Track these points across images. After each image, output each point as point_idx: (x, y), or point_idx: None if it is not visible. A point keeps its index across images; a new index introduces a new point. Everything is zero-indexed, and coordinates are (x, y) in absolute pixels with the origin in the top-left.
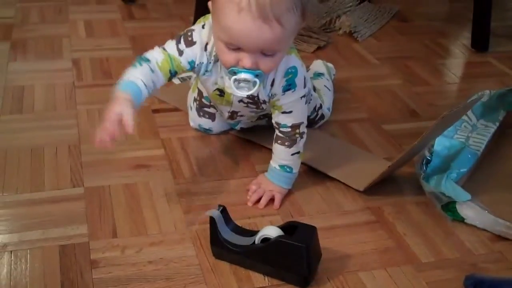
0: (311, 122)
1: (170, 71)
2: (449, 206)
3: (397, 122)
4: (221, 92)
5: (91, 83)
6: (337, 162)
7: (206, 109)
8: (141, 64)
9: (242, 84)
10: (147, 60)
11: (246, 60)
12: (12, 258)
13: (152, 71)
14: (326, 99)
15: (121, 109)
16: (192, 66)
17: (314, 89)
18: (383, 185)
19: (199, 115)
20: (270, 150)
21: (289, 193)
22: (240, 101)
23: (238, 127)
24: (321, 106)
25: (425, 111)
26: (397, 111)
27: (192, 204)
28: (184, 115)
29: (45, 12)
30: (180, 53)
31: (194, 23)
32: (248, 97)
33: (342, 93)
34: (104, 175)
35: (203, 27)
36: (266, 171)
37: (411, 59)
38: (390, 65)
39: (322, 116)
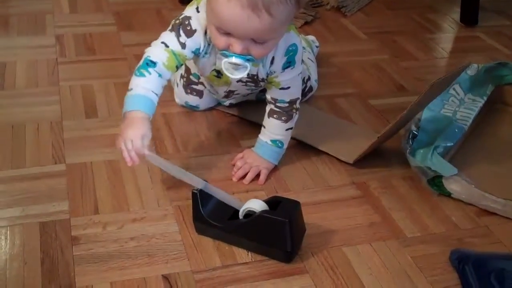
0: (302, 95)
1: (176, 66)
2: (435, 181)
3: (384, 97)
4: (219, 73)
5: (74, 59)
6: (325, 136)
7: (194, 86)
8: (149, 72)
9: (232, 67)
10: (153, 64)
11: (236, 46)
12: None
13: (160, 75)
14: (312, 71)
15: (144, 133)
16: (197, 54)
17: (302, 60)
18: (369, 160)
19: (186, 92)
20: (254, 125)
21: (274, 169)
22: (239, 81)
23: (227, 103)
24: (309, 78)
25: (413, 86)
26: (384, 86)
27: (175, 180)
28: (168, 90)
29: None
30: (183, 46)
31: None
32: (248, 76)
33: (329, 67)
34: (86, 152)
35: (197, 10)
36: (251, 146)
37: (399, 34)
38: (378, 40)
39: (311, 88)
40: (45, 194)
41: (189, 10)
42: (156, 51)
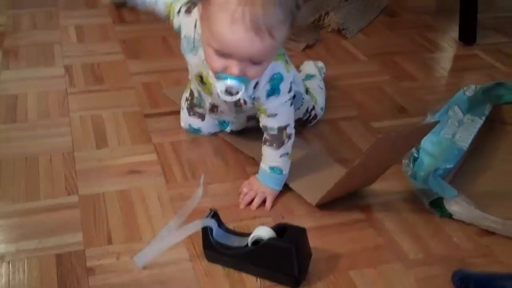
0: (304, 122)
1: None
2: (437, 203)
3: (385, 119)
4: (201, 79)
5: (83, 89)
6: (299, 172)
7: (196, 108)
8: None
9: (228, 91)
10: None
11: (235, 68)
12: (10, 268)
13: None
14: (320, 99)
15: None
16: (177, 31)
17: (307, 91)
18: (372, 184)
19: (189, 114)
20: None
21: (280, 193)
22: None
23: (228, 129)
24: (313, 107)
25: (413, 107)
26: (386, 107)
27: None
28: (175, 119)
29: (36, 19)
30: (178, 12)
31: None
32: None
33: (331, 90)
34: (98, 182)
35: (195, 27)
36: (257, 172)
37: (399, 55)
38: (378, 61)
39: (315, 116)
40: (60, 225)
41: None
42: None
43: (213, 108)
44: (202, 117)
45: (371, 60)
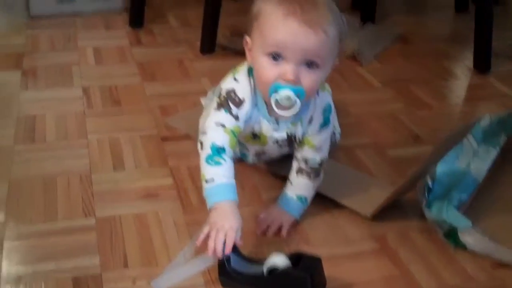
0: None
1: (236, 142)
2: (451, 233)
3: (401, 147)
4: (255, 136)
5: (100, 111)
6: (344, 188)
7: None
8: (224, 159)
9: (282, 103)
10: (223, 150)
11: (289, 71)
12: None
13: (231, 158)
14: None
15: (238, 225)
16: (246, 121)
17: None
18: (387, 213)
19: None
20: (276, 178)
21: (296, 222)
22: (275, 142)
23: (251, 161)
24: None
25: (428, 136)
26: (401, 136)
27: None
28: (192, 142)
29: (55, 40)
30: (237, 118)
31: (201, 49)
32: (286, 136)
33: (346, 117)
34: (115, 205)
35: (236, 80)
36: (273, 198)
37: (414, 82)
38: (393, 89)
39: (334, 143)
40: (77, 248)
41: (228, 83)
42: (218, 135)
43: (260, 155)
44: None
45: (386, 87)
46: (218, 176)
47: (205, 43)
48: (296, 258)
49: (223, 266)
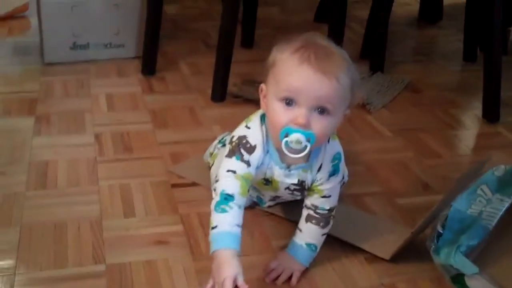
0: None
1: (248, 189)
2: (458, 279)
3: (410, 196)
4: (267, 181)
5: (112, 158)
6: (359, 231)
7: None
8: (231, 207)
9: (292, 146)
10: (231, 197)
11: (301, 115)
12: None
13: (240, 206)
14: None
15: (235, 273)
16: (258, 167)
17: None
18: (397, 261)
19: None
20: (286, 226)
21: (305, 270)
22: (287, 188)
23: (266, 206)
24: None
25: (437, 184)
26: (411, 184)
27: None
28: (202, 189)
29: (68, 86)
30: (248, 164)
31: (212, 97)
32: (296, 183)
33: (355, 165)
34: (125, 251)
35: (248, 127)
36: (283, 246)
37: (423, 131)
38: (402, 137)
39: (342, 185)
40: None
41: (240, 130)
42: (228, 183)
43: (275, 199)
44: None
45: (396, 136)
46: (221, 224)
47: (216, 91)
48: None
49: None
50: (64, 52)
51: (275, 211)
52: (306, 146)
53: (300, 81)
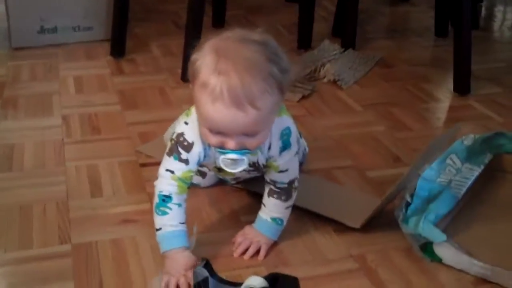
0: (300, 164)
1: (188, 186)
2: (427, 247)
3: (381, 169)
4: (220, 169)
5: (79, 139)
6: (328, 202)
7: (199, 168)
8: (170, 208)
9: (230, 164)
10: (169, 199)
11: (230, 143)
12: None
13: (179, 204)
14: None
15: (187, 267)
16: (199, 162)
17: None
18: (366, 232)
19: None
20: (255, 201)
21: (274, 243)
22: (241, 171)
23: (231, 183)
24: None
25: (409, 157)
26: (381, 157)
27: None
28: None
29: (36, 70)
30: (187, 162)
31: (182, 77)
32: (249, 165)
33: (326, 140)
34: (91, 231)
35: (186, 123)
36: (252, 222)
37: (395, 105)
38: (374, 112)
39: (305, 156)
40: (52, 274)
41: (179, 127)
42: (165, 184)
43: (235, 179)
44: (203, 175)
45: (367, 110)
46: (165, 226)
47: (186, 71)
48: (273, 279)
49: None
50: (31, 36)
51: (243, 186)
52: (243, 161)
53: (218, 121)
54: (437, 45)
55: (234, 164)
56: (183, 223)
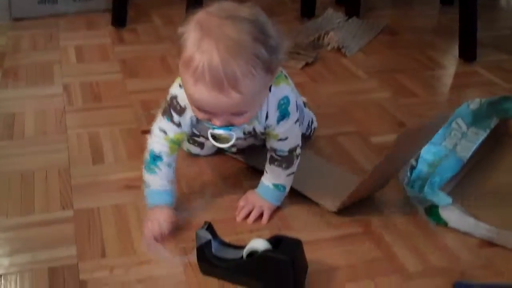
0: (308, 138)
1: (178, 146)
2: (432, 211)
3: (385, 134)
4: (214, 137)
5: (81, 107)
6: (312, 182)
7: (195, 138)
8: (159, 168)
9: (217, 140)
10: (159, 158)
11: (216, 121)
12: (2, 281)
13: (169, 164)
14: (312, 112)
15: (168, 218)
16: (193, 126)
17: (305, 104)
18: (370, 198)
19: (189, 142)
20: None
21: (277, 208)
22: (238, 139)
23: (234, 149)
24: (313, 120)
25: (413, 122)
26: (385, 123)
27: (180, 222)
28: None
29: (37, 40)
30: (179, 125)
31: None
32: (245, 133)
33: (330, 107)
34: (93, 197)
35: (180, 86)
36: (254, 186)
37: (400, 72)
38: (378, 79)
39: (314, 129)
40: (54, 239)
41: (173, 89)
42: (156, 143)
43: (232, 147)
44: (201, 146)
45: (371, 77)
46: (153, 184)
47: None
48: (276, 242)
49: (201, 251)
50: (32, 7)
51: (244, 159)
52: (232, 136)
53: (201, 101)
54: (442, 12)
55: (222, 139)
56: (171, 181)
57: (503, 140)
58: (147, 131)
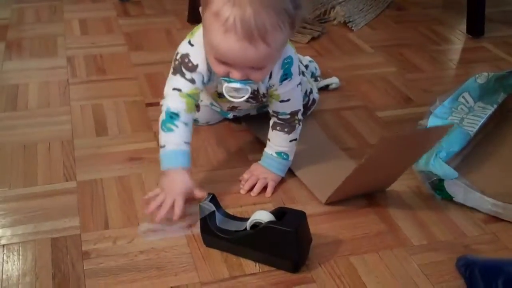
0: (304, 108)
1: (196, 105)
2: (438, 185)
3: (391, 109)
4: (221, 94)
5: (85, 79)
6: (310, 168)
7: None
8: (176, 126)
9: (233, 92)
10: (176, 116)
11: (236, 74)
12: (5, 251)
13: (186, 123)
14: (314, 84)
15: (186, 188)
16: (204, 83)
17: (303, 73)
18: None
19: None
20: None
21: (281, 181)
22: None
23: (230, 116)
24: (311, 91)
25: (419, 97)
26: (391, 98)
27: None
28: None
29: (40, 12)
30: (193, 81)
31: (188, 19)
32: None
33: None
34: (97, 169)
35: (191, 44)
36: (259, 159)
37: (406, 47)
38: (384, 53)
39: (314, 101)
40: (57, 210)
41: (183, 47)
42: (173, 100)
43: (233, 108)
44: (197, 107)
45: (378, 52)
46: (169, 143)
47: (192, 13)
48: (280, 214)
49: (205, 223)
50: None
51: (245, 124)
52: (247, 90)
53: (227, 52)
54: None
55: (236, 92)
56: (187, 143)
57: (509, 115)
58: (152, 104)
